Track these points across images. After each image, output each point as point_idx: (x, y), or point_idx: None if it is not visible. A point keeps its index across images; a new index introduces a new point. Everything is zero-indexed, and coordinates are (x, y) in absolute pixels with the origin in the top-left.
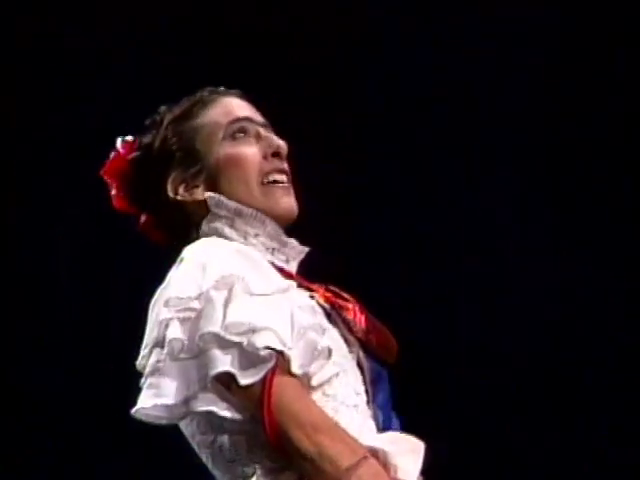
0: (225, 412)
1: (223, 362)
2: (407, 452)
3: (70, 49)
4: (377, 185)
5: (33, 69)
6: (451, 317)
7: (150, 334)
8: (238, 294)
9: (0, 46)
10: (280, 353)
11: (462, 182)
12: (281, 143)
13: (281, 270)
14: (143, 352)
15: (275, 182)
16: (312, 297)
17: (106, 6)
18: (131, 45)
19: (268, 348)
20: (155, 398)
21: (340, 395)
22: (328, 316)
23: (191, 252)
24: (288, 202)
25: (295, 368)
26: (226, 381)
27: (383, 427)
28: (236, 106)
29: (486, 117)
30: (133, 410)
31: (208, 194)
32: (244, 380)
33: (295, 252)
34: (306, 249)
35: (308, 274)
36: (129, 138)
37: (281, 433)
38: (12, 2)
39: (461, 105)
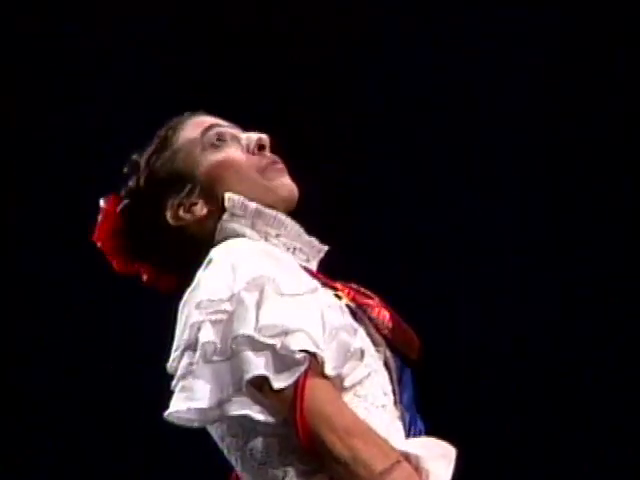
0: (259, 415)
1: (257, 365)
2: (439, 457)
3: (70, 49)
4: (377, 185)
5: (33, 69)
6: (451, 317)
7: (181, 337)
8: (269, 295)
9: (0, 46)
10: (313, 355)
11: (462, 182)
12: (262, 135)
13: (306, 270)
14: (174, 355)
15: (271, 169)
16: (337, 296)
17: (106, 6)
18: (131, 45)
19: (302, 350)
20: (188, 402)
21: (371, 396)
22: (354, 315)
23: (219, 253)
24: (289, 183)
25: (329, 370)
26: (259, 384)
27: (409, 428)
28: (203, 120)
29: (486, 117)
30: (165, 413)
31: (228, 195)
32: (278, 384)
33: (315, 251)
34: (325, 248)
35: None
36: (109, 195)
37: (314, 436)
38: (12, 2)
39: (461, 105)
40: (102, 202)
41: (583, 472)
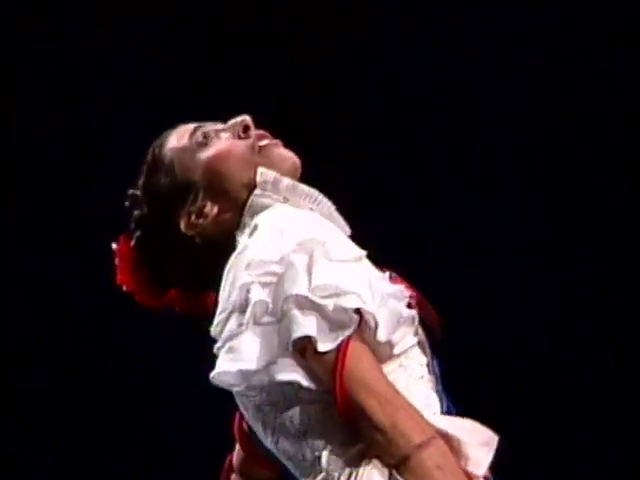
0: (303, 380)
1: (306, 326)
2: (481, 444)
3: (70, 49)
4: (377, 185)
5: (33, 69)
6: (451, 317)
7: (227, 299)
8: (319, 259)
9: (0, 46)
10: (362, 321)
11: (462, 182)
12: (244, 117)
13: None
14: (219, 318)
15: (265, 145)
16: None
17: (106, 6)
18: (131, 45)
19: (356, 311)
20: (236, 362)
21: (410, 367)
22: None
23: (265, 219)
24: (287, 153)
25: (381, 334)
26: (304, 346)
27: (441, 401)
28: (185, 127)
29: (486, 117)
30: (211, 375)
31: (261, 170)
32: (322, 346)
33: (344, 230)
34: (349, 230)
35: None
36: (118, 238)
37: (352, 403)
38: (12, 2)
39: (461, 105)
40: (114, 245)
41: (583, 472)
